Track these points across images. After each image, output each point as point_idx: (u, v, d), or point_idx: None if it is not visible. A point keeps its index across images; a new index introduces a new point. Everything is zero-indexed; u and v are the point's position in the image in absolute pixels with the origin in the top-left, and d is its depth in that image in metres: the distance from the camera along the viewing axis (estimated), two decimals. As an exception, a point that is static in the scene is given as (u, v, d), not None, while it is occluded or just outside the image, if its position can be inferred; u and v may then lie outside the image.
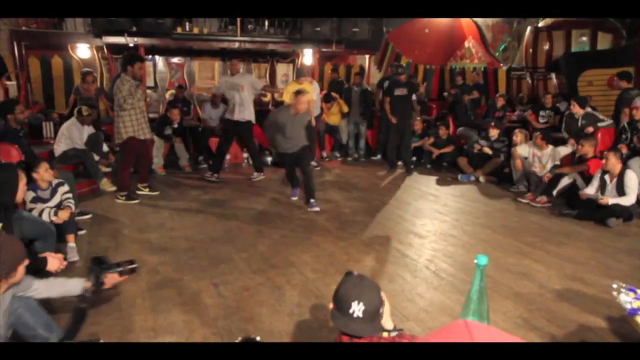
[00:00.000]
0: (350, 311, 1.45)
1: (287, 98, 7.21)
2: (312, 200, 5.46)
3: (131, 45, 7.71)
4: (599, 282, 3.55)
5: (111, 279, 2.56)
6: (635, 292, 2.11)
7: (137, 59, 5.55)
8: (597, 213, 5.06)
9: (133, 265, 2.43)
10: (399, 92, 7.45)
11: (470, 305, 1.59)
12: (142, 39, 7.69)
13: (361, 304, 1.44)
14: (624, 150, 5.57)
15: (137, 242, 4.33)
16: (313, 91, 7.42)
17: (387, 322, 1.60)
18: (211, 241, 4.37)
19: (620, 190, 5.01)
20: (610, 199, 4.98)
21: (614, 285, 2.15)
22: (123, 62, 5.62)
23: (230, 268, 3.76)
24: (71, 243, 3.87)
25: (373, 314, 1.46)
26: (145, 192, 5.87)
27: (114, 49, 8.32)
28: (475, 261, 1.57)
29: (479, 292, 1.57)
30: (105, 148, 6.43)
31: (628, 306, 2.04)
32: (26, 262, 2.16)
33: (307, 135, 5.77)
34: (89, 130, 6.19)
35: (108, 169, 6.49)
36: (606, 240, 4.57)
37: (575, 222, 5.14)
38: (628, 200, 4.96)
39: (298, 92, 5.44)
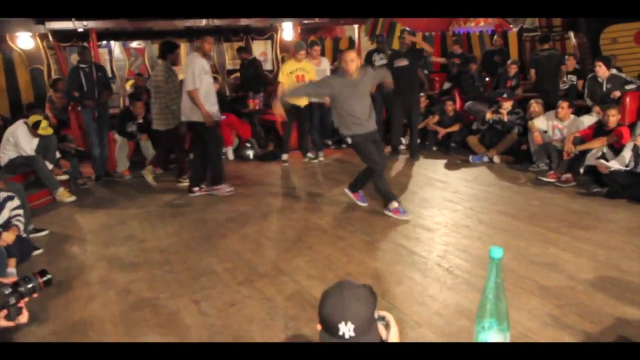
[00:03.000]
0: (340, 334, 1.44)
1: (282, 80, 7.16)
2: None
3: (80, 30, 7.63)
4: (637, 269, 3.58)
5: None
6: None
7: (176, 46, 6.39)
8: (630, 190, 5.10)
9: (47, 277, 1.95)
10: (399, 63, 7.35)
11: (487, 305, 1.58)
12: (93, 22, 7.59)
13: (349, 323, 1.44)
14: None
15: (104, 259, 4.31)
16: (312, 70, 7.33)
17: (392, 337, 1.58)
18: (189, 251, 4.36)
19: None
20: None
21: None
22: (163, 52, 6.39)
23: (213, 281, 3.75)
24: (11, 268, 3.82)
25: (366, 325, 1.46)
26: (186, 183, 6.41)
27: (61, 36, 8.24)
28: (489, 254, 1.57)
29: (495, 289, 1.56)
30: (57, 154, 6.37)
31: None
32: None
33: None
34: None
35: (64, 177, 6.43)
36: (642, 220, 4.61)
37: (606, 201, 5.17)
38: None
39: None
